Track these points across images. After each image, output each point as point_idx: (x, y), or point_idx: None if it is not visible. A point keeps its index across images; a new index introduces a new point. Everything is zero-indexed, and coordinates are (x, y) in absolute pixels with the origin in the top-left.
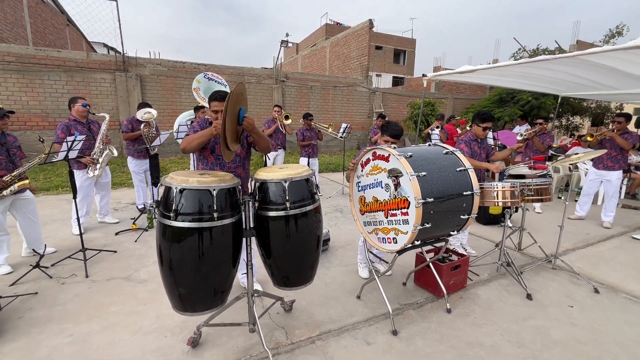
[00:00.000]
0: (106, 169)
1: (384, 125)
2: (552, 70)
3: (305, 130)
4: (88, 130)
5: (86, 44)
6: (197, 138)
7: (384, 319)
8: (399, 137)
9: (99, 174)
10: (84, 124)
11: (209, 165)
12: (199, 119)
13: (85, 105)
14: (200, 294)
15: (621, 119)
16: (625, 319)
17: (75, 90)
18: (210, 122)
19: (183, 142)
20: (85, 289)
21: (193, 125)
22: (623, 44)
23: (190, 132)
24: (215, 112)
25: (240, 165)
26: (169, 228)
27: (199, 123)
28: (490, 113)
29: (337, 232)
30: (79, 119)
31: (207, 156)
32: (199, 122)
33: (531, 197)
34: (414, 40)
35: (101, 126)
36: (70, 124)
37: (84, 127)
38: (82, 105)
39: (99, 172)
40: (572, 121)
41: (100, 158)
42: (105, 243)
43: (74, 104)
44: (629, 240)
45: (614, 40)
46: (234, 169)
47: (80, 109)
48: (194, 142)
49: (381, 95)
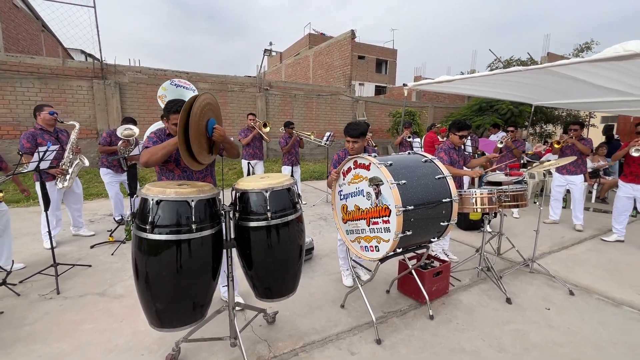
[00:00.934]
0: (76, 179)
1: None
2: (524, 81)
3: (287, 138)
4: (56, 140)
5: (62, 50)
6: (161, 149)
7: (368, 328)
8: (356, 135)
9: (68, 185)
10: (51, 133)
11: (175, 178)
12: (156, 130)
13: (53, 113)
14: (178, 308)
15: (577, 127)
16: (599, 320)
17: (49, 98)
18: (169, 133)
19: (144, 156)
20: (56, 307)
21: (150, 136)
22: (588, 57)
23: (149, 144)
24: (176, 126)
25: (209, 174)
26: (145, 241)
27: (157, 135)
28: (465, 122)
29: (321, 240)
30: (46, 127)
31: (172, 169)
32: (156, 133)
33: (508, 202)
34: (395, 50)
35: (70, 135)
36: (36, 132)
37: (51, 136)
38: (48, 114)
39: (69, 183)
40: (546, 129)
41: (70, 168)
42: (80, 257)
43: (39, 112)
44: (600, 242)
45: (582, 54)
46: (203, 178)
47: (47, 117)
48: (159, 154)
49: (364, 104)
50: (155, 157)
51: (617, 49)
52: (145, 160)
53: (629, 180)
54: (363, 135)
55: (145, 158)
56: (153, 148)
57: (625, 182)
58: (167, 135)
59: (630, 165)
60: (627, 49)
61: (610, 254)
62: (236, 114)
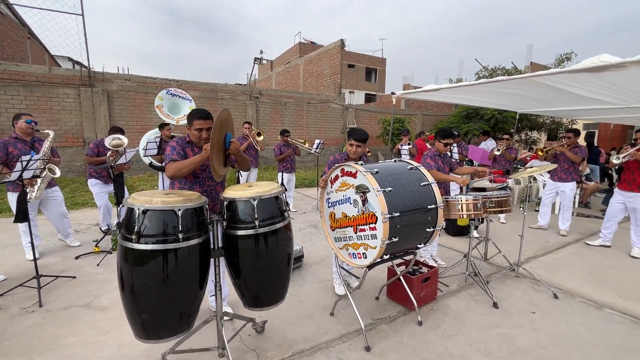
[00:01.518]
0: (55, 188)
1: (349, 130)
2: (508, 89)
3: (282, 145)
4: (31, 149)
5: (49, 58)
6: (188, 165)
7: (357, 335)
8: (362, 140)
9: (37, 195)
10: (27, 142)
11: (188, 184)
12: (176, 138)
13: (30, 122)
14: (165, 319)
15: (570, 135)
16: (582, 322)
17: (34, 106)
18: (189, 140)
19: (171, 169)
20: (38, 320)
21: (173, 146)
22: (567, 68)
23: (174, 156)
24: (199, 131)
25: (220, 183)
26: (131, 251)
27: (179, 143)
28: (451, 130)
29: (311, 248)
30: (22, 136)
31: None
32: (178, 142)
33: (493, 208)
34: (384, 59)
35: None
36: (8, 141)
37: (26, 146)
38: (25, 122)
39: (37, 194)
40: (531, 136)
41: (38, 179)
42: (64, 268)
43: (17, 121)
44: (583, 246)
45: (563, 64)
46: (214, 186)
47: (24, 126)
48: (185, 169)
49: (354, 112)
50: (182, 172)
51: (594, 60)
52: (173, 174)
53: (622, 187)
54: (366, 141)
55: (172, 172)
56: (180, 163)
57: (619, 189)
58: (188, 142)
59: (625, 172)
60: (602, 60)
61: (593, 257)
62: None
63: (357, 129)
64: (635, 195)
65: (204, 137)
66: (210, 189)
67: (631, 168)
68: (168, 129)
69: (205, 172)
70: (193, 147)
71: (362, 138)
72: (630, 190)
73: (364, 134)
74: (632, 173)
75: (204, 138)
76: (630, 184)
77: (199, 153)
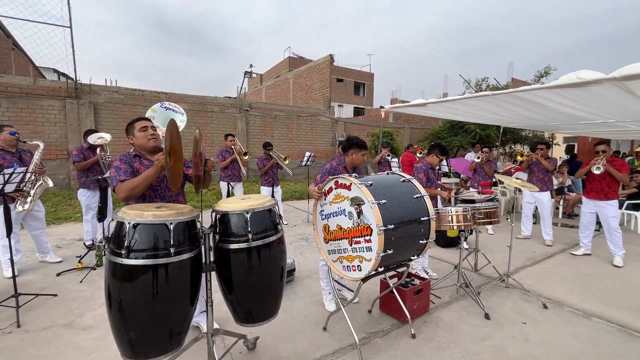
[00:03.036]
0: (38, 202)
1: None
2: (492, 104)
3: (264, 159)
4: (19, 160)
5: (34, 69)
6: (142, 181)
7: (351, 350)
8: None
9: (29, 207)
10: (14, 154)
11: (147, 199)
12: (119, 156)
13: (13, 133)
14: (154, 337)
15: (543, 147)
16: (571, 332)
17: (17, 118)
18: (135, 154)
19: (123, 190)
20: (16, 341)
21: (116, 165)
22: (547, 84)
23: (121, 176)
24: (144, 130)
25: (180, 193)
26: (120, 266)
27: (124, 160)
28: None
29: (302, 261)
30: (7, 148)
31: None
32: (122, 160)
33: (482, 219)
34: (372, 74)
35: (34, 155)
36: None
37: (14, 157)
38: (9, 134)
39: (30, 206)
40: (514, 148)
41: (32, 190)
42: (44, 286)
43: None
44: (569, 256)
45: (543, 79)
46: (176, 197)
47: (8, 138)
48: (140, 187)
49: (343, 125)
50: (136, 190)
51: (571, 76)
52: (127, 195)
53: (590, 196)
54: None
55: (125, 193)
56: (131, 182)
57: (588, 198)
58: (135, 156)
59: (590, 182)
60: (580, 77)
61: (578, 267)
62: (216, 134)
63: (360, 139)
64: (605, 204)
65: (151, 134)
66: (172, 200)
67: (597, 177)
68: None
69: (164, 183)
70: (142, 159)
71: (366, 146)
72: (598, 199)
73: (365, 143)
74: (598, 182)
75: (151, 135)
76: (598, 192)
77: (150, 164)
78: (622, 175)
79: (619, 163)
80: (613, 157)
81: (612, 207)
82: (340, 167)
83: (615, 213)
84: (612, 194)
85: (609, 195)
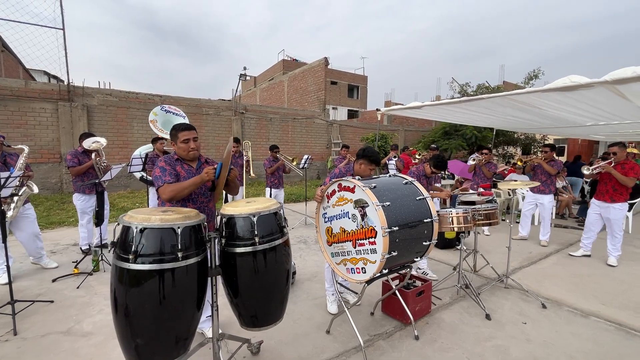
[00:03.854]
0: (28, 205)
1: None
2: (486, 108)
3: (272, 161)
4: (3, 164)
5: (23, 71)
6: (189, 187)
7: (355, 353)
8: (377, 164)
9: (13, 214)
10: None
11: (180, 202)
12: (164, 157)
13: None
14: (160, 343)
15: (547, 149)
16: (570, 331)
17: (8, 121)
18: (177, 158)
19: (168, 192)
20: (13, 350)
21: (162, 167)
22: (541, 87)
23: (166, 177)
24: (186, 142)
25: (212, 199)
26: (127, 271)
27: (168, 162)
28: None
29: (302, 264)
30: None
31: None
32: (167, 162)
33: (481, 221)
34: (365, 77)
35: (19, 159)
36: None
37: None
38: None
39: (14, 213)
40: (507, 150)
41: (15, 197)
42: (40, 292)
43: None
44: (565, 256)
45: (532, 82)
46: (207, 203)
47: None
48: (186, 191)
49: (338, 127)
50: (182, 194)
51: (564, 80)
52: (171, 197)
53: (597, 198)
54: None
55: (170, 195)
56: (178, 185)
57: (595, 200)
58: (177, 160)
59: (599, 184)
60: (573, 80)
61: (574, 267)
62: (211, 137)
63: (374, 151)
64: (609, 206)
65: (192, 148)
66: (203, 205)
67: (604, 180)
68: (161, 143)
69: (198, 189)
70: (182, 163)
71: (378, 162)
72: (604, 200)
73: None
74: (605, 184)
75: (192, 149)
76: (603, 194)
77: (189, 169)
78: (624, 178)
79: (629, 166)
80: (625, 160)
81: (615, 210)
82: (349, 173)
83: (619, 216)
84: (617, 197)
85: (615, 198)
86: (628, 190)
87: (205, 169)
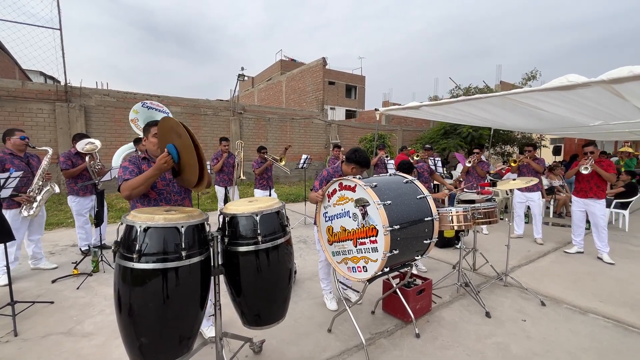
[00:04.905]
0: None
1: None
2: (484, 109)
3: (260, 162)
4: (27, 165)
5: (19, 72)
6: (142, 182)
7: (357, 351)
8: (367, 167)
9: (34, 213)
10: (22, 158)
11: (152, 202)
12: (129, 157)
13: (24, 138)
14: (164, 342)
15: (530, 148)
16: (569, 328)
17: (5, 121)
18: (144, 157)
19: (125, 189)
20: (13, 351)
21: (125, 165)
22: (538, 87)
23: (127, 175)
24: (156, 137)
25: (187, 197)
26: (130, 271)
27: (132, 161)
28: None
29: (302, 263)
30: (16, 152)
31: (147, 193)
32: (131, 161)
33: (481, 219)
34: (363, 77)
35: (42, 161)
36: (5, 157)
37: (22, 162)
38: (20, 138)
39: (35, 212)
40: (505, 149)
41: (38, 196)
42: (40, 293)
43: (9, 137)
44: (562, 254)
45: (530, 83)
46: (181, 201)
47: (18, 142)
48: (141, 187)
49: (337, 127)
50: (137, 190)
51: (562, 80)
52: (128, 195)
53: (580, 195)
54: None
55: (127, 192)
56: (133, 181)
57: (577, 197)
58: (143, 159)
59: (580, 182)
60: (570, 80)
61: (571, 265)
62: (209, 137)
63: (364, 154)
64: (594, 202)
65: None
66: (177, 204)
67: (586, 177)
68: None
69: (170, 187)
70: (150, 162)
71: (367, 166)
72: (588, 197)
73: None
74: (587, 182)
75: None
76: (587, 192)
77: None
78: (609, 175)
79: (606, 163)
80: (601, 158)
81: (600, 206)
82: (337, 175)
83: (603, 211)
84: (600, 193)
85: (598, 194)
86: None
87: (159, 157)
